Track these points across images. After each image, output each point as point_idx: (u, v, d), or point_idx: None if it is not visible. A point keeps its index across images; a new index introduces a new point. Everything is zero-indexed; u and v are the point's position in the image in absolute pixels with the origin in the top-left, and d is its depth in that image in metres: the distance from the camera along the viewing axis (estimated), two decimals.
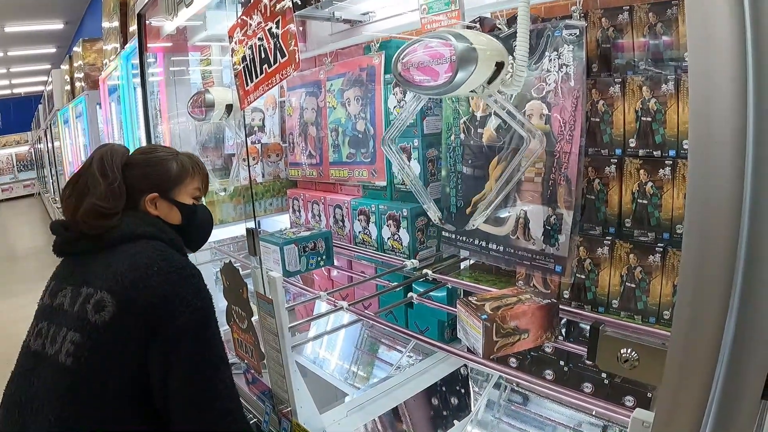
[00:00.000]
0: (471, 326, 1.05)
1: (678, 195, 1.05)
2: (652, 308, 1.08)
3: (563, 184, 1.15)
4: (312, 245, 1.65)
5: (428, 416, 1.78)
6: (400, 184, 1.59)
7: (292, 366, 1.18)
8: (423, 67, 1.05)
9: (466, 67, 0.98)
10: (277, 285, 1.09)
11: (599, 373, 1.27)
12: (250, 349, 1.36)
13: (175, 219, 1.34)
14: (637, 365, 0.62)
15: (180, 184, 1.34)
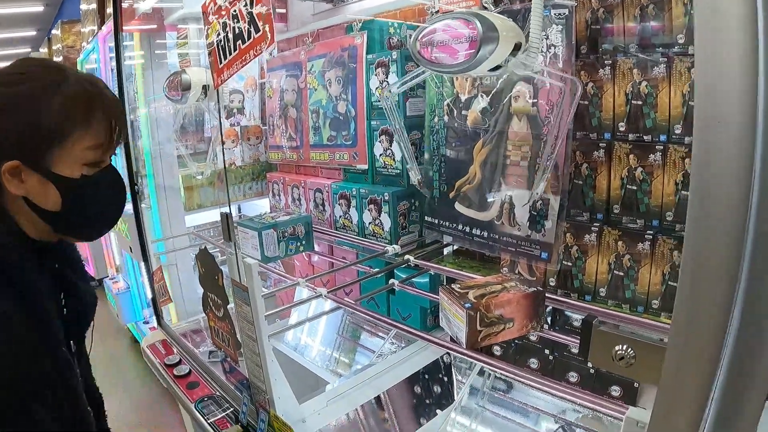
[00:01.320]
0: (454, 315, 1.01)
1: (668, 181, 1.01)
2: (640, 297, 1.05)
3: (550, 168, 1.11)
4: (291, 230, 1.60)
5: (410, 404, 1.75)
6: (381, 168, 1.54)
7: (269, 356, 1.13)
8: (444, 46, 1.02)
9: (488, 46, 0.96)
10: (253, 272, 1.04)
11: (585, 362, 1.24)
12: (227, 338, 1.32)
13: (51, 202, 0.86)
14: (633, 363, 0.58)
15: (60, 142, 0.83)
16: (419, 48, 1.07)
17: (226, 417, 1.38)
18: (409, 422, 1.71)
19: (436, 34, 1.02)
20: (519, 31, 1.01)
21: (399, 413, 1.71)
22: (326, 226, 1.73)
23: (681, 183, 1.00)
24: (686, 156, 0.99)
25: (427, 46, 1.06)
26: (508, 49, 0.99)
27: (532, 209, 1.14)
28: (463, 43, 0.99)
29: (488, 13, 0.99)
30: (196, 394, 1.54)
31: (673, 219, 1.02)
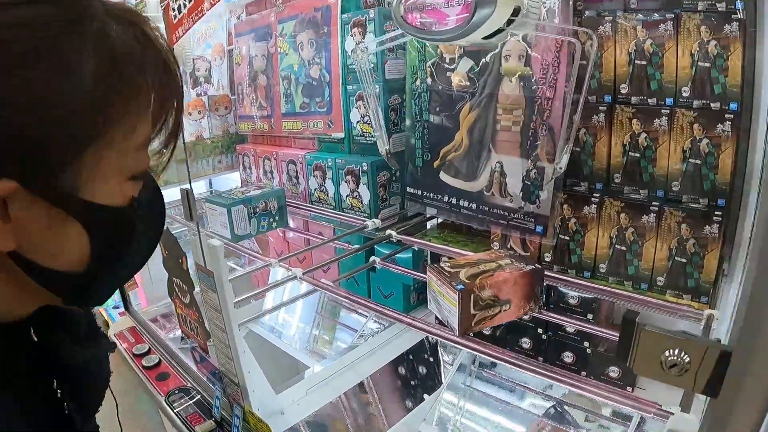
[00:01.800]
0: (444, 297, 0.92)
1: (675, 148, 0.92)
2: (644, 274, 0.97)
3: (546, 133, 1.01)
4: (263, 205, 1.49)
5: (395, 386, 1.67)
6: (359, 136, 1.42)
7: (241, 346, 1.03)
8: (432, 10, 0.93)
9: (484, 10, 0.85)
10: (219, 255, 0.93)
11: (581, 342, 1.17)
12: (195, 327, 1.21)
13: (67, 255, 0.47)
14: (688, 369, 0.49)
15: (96, 141, 0.44)
16: (403, 13, 0.96)
17: (199, 411, 1.28)
18: (394, 405, 1.64)
19: None
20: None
21: (383, 396, 1.63)
22: (301, 200, 1.61)
23: (689, 151, 0.91)
24: (695, 121, 0.90)
25: (413, 10, 0.95)
26: (507, 12, 0.88)
27: (526, 179, 1.04)
28: (454, 6, 0.89)
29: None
30: (167, 386, 1.44)
31: (680, 189, 0.93)
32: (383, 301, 1.62)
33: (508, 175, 1.07)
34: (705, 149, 0.90)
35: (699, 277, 0.92)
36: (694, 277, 0.92)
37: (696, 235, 0.90)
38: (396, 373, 1.65)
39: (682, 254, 0.92)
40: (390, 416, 1.62)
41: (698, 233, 0.90)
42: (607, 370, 1.15)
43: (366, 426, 1.62)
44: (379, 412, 1.64)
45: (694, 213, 0.90)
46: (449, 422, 1.54)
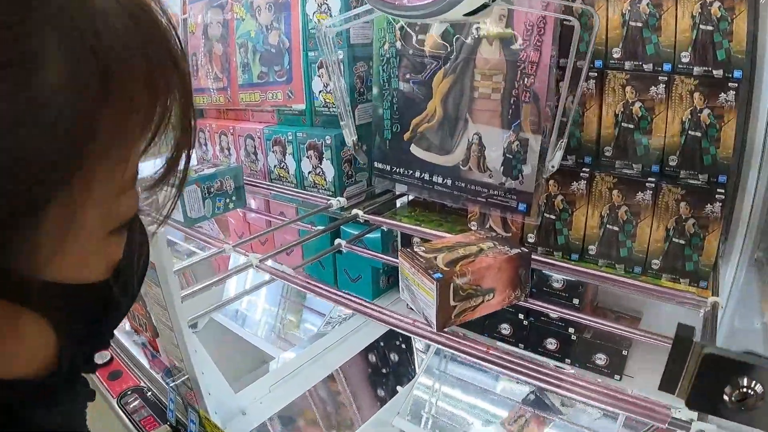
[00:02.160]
0: (419, 287, 0.81)
1: (673, 119, 0.83)
2: (638, 256, 0.88)
3: (529, 101, 0.90)
4: (218, 184, 1.36)
5: (366, 375, 1.58)
6: (321, 107, 1.30)
7: (192, 345, 0.91)
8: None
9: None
10: (160, 244, 0.81)
11: (565, 327, 1.09)
12: (143, 323, 1.08)
13: (24, 366, 0.32)
14: (761, 405, 0.39)
15: (73, 184, 0.27)
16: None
17: (153, 414, 1.16)
18: (365, 394, 1.55)
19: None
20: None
21: (353, 385, 1.54)
22: (260, 177, 1.48)
23: (689, 122, 0.82)
24: (695, 90, 0.81)
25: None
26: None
27: (507, 151, 0.94)
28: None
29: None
30: (119, 386, 1.31)
31: (678, 164, 0.85)
32: (350, 285, 1.52)
33: (487, 148, 0.97)
34: (706, 121, 0.81)
35: (698, 260, 0.84)
36: (693, 260, 0.84)
37: (696, 214, 0.82)
38: (366, 360, 1.56)
39: (681, 235, 0.84)
40: (361, 406, 1.53)
41: (699, 212, 0.82)
42: (593, 357, 1.08)
43: (336, 415, 1.54)
44: (349, 401, 1.55)
45: (695, 190, 0.82)
46: (424, 408, 1.46)
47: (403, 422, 1.28)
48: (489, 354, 0.72)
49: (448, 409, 1.42)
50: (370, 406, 1.54)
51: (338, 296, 0.87)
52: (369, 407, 1.53)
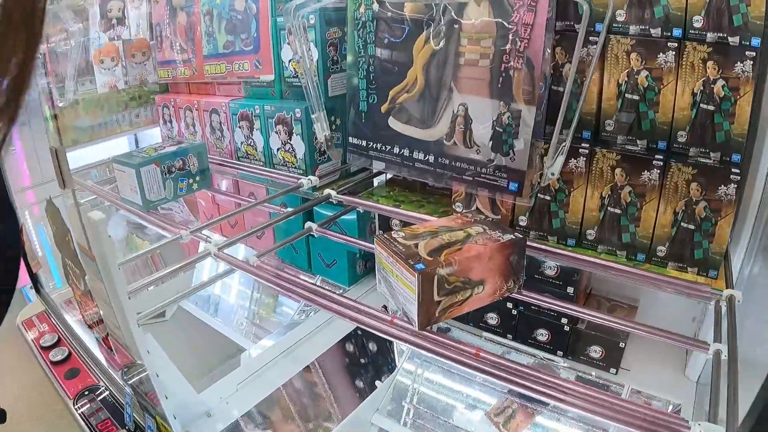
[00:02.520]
0: (399, 279, 0.71)
1: (683, 90, 0.74)
2: (641, 242, 0.79)
3: (522, 69, 0.80)
4: (180, 163, 1.24)
5: (343, 365, 1.49)
6: (291, 77, 1.18)
7: (144, 346, 0.81)
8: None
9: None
10: (100, 232, 0.69)
11: (558, 317, 1.00)
12: (95, 319, 0.97)
13: None
14: None
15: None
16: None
17: (111, 417, 1.06)
18: (343, 385, 1.46)
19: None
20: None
21: (330, 376, 1.45)
22: (227, 155, 1.37)
23: (700, 94, 0.73)
24: (709, 58, 0.71)
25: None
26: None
27: (496, 124, 0.84)
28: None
29: None
30: (76, 385, 1.20)
31: (688, 140, 0.76)
32: (325, 271, 1.42)
33: (475, 121, 0.87)
34: (720, 93, 0.72)
35: (708, 248, 0.76)
36: (702, 247, 0.76)
37: (708, 196, 0.73)
38: (344, 350, 1.47)
39: (690, 219, 0.75)
40: (339, 397, 1.44)
41: (711, 194, 0.73)
42: (588, 349, 1.00)
43: (313, 407, 1.45)
44: (327, 393, 1.46)
45: (708, 170, 0.73)
46: (406, 396, 1.38)
47: (382, 419, 1.19)
48: (479, 358, 0.63)
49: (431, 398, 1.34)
50: (348, 398, 1.45)
51: (303, 292, 0.77)
52: (347, 399, 1.45)
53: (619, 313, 1.06)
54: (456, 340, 0.66)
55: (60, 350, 1.33)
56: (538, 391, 0.57)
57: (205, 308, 1.90)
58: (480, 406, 1.33)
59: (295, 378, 1.31)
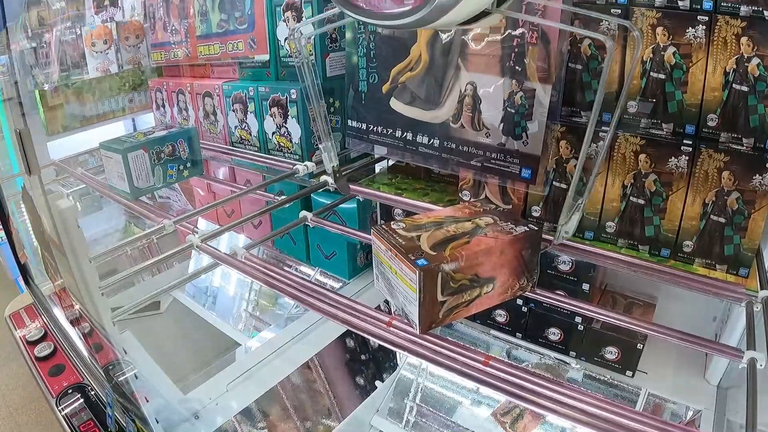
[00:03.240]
0: (398, 276, 0.64)
1: (714, 69, 0.67)
2: (666, 236, 0.72)
3: (537, 43, 0.72)
4: (170, 149, 1.17)
5: (343, 361, 1.43)
6: (287, 57, 1.11)
7: (120, 345, 0.74)
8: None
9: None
10: (68, 222, 0.63)
11: (571, 316, 0.93)
12: (76, 315, 0.91)
13: None
14: None
15: None
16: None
17: (94, 419, 0.99)
18: (342, 382, 1.40)
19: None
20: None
21: (329, 372, 1.39)
22: (220, 141, 1.30)
23: (733, 73, 0.65)
24: (743, 33, 0.64)
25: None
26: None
27: (508, 105, 0.77)
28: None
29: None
30: (60, 383, 1.13)
31: (719, 125, 0.68)
32: (324, 263, 1.36)
33: (484, 101, 0.79)
34: (755, 72, 0.64)
35: (740, 243, 0.68)
36: (733, 242, 0.69)
37: (741, 186, 0.66)
38: (344, 346, 1.41)
39: (721, 212, 0.68)
40: (338, 396, 1.38)
41: (745, 185, 0.66)
42: (602, 350, 0.93)
43: (312, 404, 1.39)
44: (325, 389, 1.40)
45: (741, 157, 0.65)
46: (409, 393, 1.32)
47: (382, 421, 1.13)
48: (488, 365, 0.56)
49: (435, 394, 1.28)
50: (347, 395, 1.40)
51: (289, 288, 0.70)
52: (347, 397, 1.39)
53: (636, 311, 0.99)
54: (463, 346, 0.59)
55: (46, 345, 1.27)
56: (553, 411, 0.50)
57: (202, 300, 1.84)
58: (486, 404, 1.27)
59: (291, 376, 1.25)
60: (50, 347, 1.24)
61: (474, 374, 0.54)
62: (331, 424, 1.32)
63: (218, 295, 1.87)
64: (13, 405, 2.26)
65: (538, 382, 0.54)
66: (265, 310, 1.75)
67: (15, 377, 2.43)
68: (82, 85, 1.74)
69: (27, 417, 2.13)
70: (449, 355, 0.58)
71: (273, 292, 1.78)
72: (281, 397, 1.24)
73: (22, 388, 2.35)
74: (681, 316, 0.99)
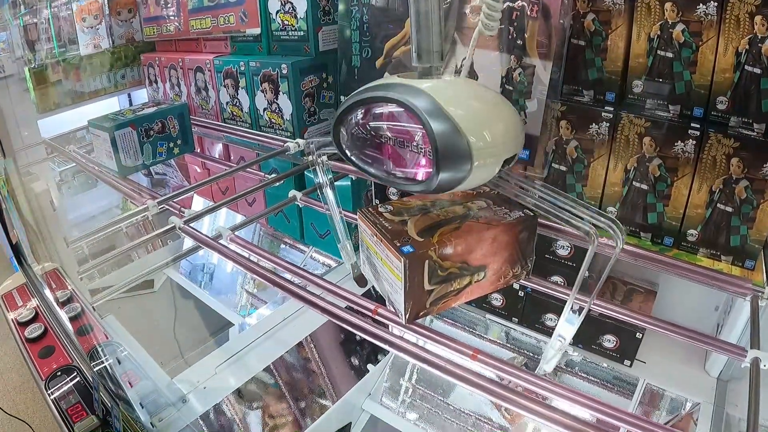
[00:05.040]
0: (383, 262, 0.61)
1: (726, 48, 0.62)
2: (670, 224, 0.69)
3: (538, 17, 0.68)
4: (159, 126, 1.14)
5: (337, 339, 1.41)
6: (279, 30, 1.06)
7: (101, 330, 0.72)
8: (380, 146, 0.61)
9: (449, 172, 0.54)
10: (43, 205, 0.60)
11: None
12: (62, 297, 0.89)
13: None
14: None
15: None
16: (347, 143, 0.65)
17: (82, 402, 0.97)
18: (337, 363, 1.38)
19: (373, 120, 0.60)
20: (512, 118, 0.59)
21: (323, 352, 1.37)
22: (212, 117, 1.26)
23: (745, 53, 0.61)
24: (757, 12, 0.59)
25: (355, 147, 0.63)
26: (492, 171, 0.58)
27: (506, 82, 0.73)
28: (414, 152, 0.57)
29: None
30: (50, 365, 1.10)
31: (729, 108, 0.64)
32: (318, 242, 1.32)
33: (481, 77, 0.75)
34: None
35: (747, 234, 0.65)
36: (740, 233, 0.65)
37: (751, 174, 0.62)
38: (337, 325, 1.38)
39: (728, 200, 0.64)
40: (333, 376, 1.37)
41: (754, 172, 0.62)
42: (600, 338, 0.90)
43: (306, 382, 1.38)
44: (320, 369, 1.38)
45: (752, 143, 0.61)
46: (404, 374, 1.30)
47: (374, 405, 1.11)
48: (476, 359, 0.53)
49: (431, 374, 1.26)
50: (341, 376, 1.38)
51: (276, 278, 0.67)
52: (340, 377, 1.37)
53: (636, 298, 0.96)
54: (451, 338, 0.56)
55: (37, 326, 1.24)
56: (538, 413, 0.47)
57: (198, 278, 1.82)
58: (474, 390, 1.25)
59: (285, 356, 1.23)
60: (41, 329, 1.22)
61: (458, 372, 0.51)
62: (325, 404, 1.31)
63: (215, 272, 1.85)
64: (12, 384, 2.27)
65: (528, 378, 0.51)
66: (263, 288, 1.73)
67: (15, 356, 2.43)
68: (75, 60, 1.70)
69: (25, 396, 2.13)
70: (434, 348, 0.56)
71: (271, 266, 1.76)
72: (276, 377, 1.22)
73: (21, 365, 2.35)
74: (682, 305, 0.96)
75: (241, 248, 0.73)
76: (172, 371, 0.97)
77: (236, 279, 1.85)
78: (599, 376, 1.09)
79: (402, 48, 0.82)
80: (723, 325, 0.89)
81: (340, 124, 0.63)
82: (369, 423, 1.17)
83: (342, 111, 0.61)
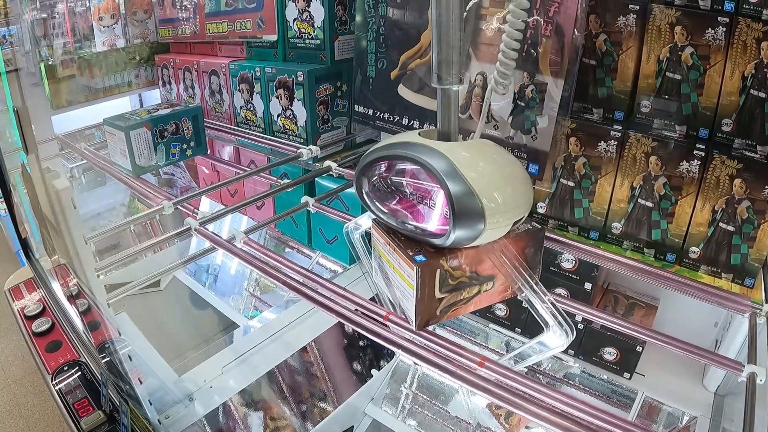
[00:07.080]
0: (396, 271, 0.63)
1: (732, 72, 0.64)
2: (673, 241, 0.71)
3: (551, 35, 0.70)
4: (173, 127, 1.16)
5: (340, 345, 1.43)
6: (295, 38, 1.09)
7: (115, 326, 0.74)
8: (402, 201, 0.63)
9: (465, 229, 0.56)
10: (64, 202, 0.62)
11: (571, 314, 0.92)
12: (72, 292, 0.90)
13: None
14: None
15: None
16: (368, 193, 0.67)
17: (89, 397, 0.98)
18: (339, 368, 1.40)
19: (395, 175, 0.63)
20: (524, 182, 0.61)
21: (326, 357, 1.38)
22: (226, 120, 1.28)
23: (751, 78, 0.63)
24: (765, 37, 0.61)
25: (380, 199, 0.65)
26: (504, 228, 0.60)
27: (519, 98, 0.75)
28: (431, 209, 0.60)
29: None
30: (57, 359, 1.12)
31: (733, 130, 0.66)
32: (326, 247, 1.34)
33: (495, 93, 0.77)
34: None
35: (747, 253, 0.67)
36: (741, 251, 0.67)
37: (753, 195, 0.64)
38: (342, 331, 1.40)
39: (730, 220, 0.66)
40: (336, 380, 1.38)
41: (756, 193, 0.64)
42: (601, 351, 0.92)
43: (309, 386, 1.39)
44: (323, 375, 1.40)
45: (755, 165, 0.63)
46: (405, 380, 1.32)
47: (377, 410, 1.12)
48: (483, 367, 0.55)
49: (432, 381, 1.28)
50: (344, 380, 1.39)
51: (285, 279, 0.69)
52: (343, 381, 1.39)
53: (637, 312, 0.98)
54: (459, 345, 0.58)
55: (44, 320, 1.25)
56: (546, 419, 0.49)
57: (203, 278, 1.84)
58: (483, 394, 1.27)
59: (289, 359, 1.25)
60: (48, 323, 1.24)
61: (468, 377, 0.53)
62: (327, 408, 1.32)
63: (220, 274, 1.86)
64: (12, 377, 2.28)
65: (533, 386, 0.53)
66: (267, 291, 1.75)
67: (16, 348, 2.44)
68: (90, 58, 1.72)
69: (25, 389, 2.15)
70: (445, 354, 0.58)
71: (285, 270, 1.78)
72: (278, 380, 1.24)
73: (22, 358, 2.37)
74: (682, 320, 0.98)
75: (255, 251, 0.75)
76: (177, 370, 0.99)
77: (240, 281, 1.87)
78: (597, 389, 1.11)
79: (417, 60, 0.84)
80: (722, 340, 0.90)
81: (362, 174, 0.65)
82: (371, 427, 1.19)
83: (365, 163, 0.63)
